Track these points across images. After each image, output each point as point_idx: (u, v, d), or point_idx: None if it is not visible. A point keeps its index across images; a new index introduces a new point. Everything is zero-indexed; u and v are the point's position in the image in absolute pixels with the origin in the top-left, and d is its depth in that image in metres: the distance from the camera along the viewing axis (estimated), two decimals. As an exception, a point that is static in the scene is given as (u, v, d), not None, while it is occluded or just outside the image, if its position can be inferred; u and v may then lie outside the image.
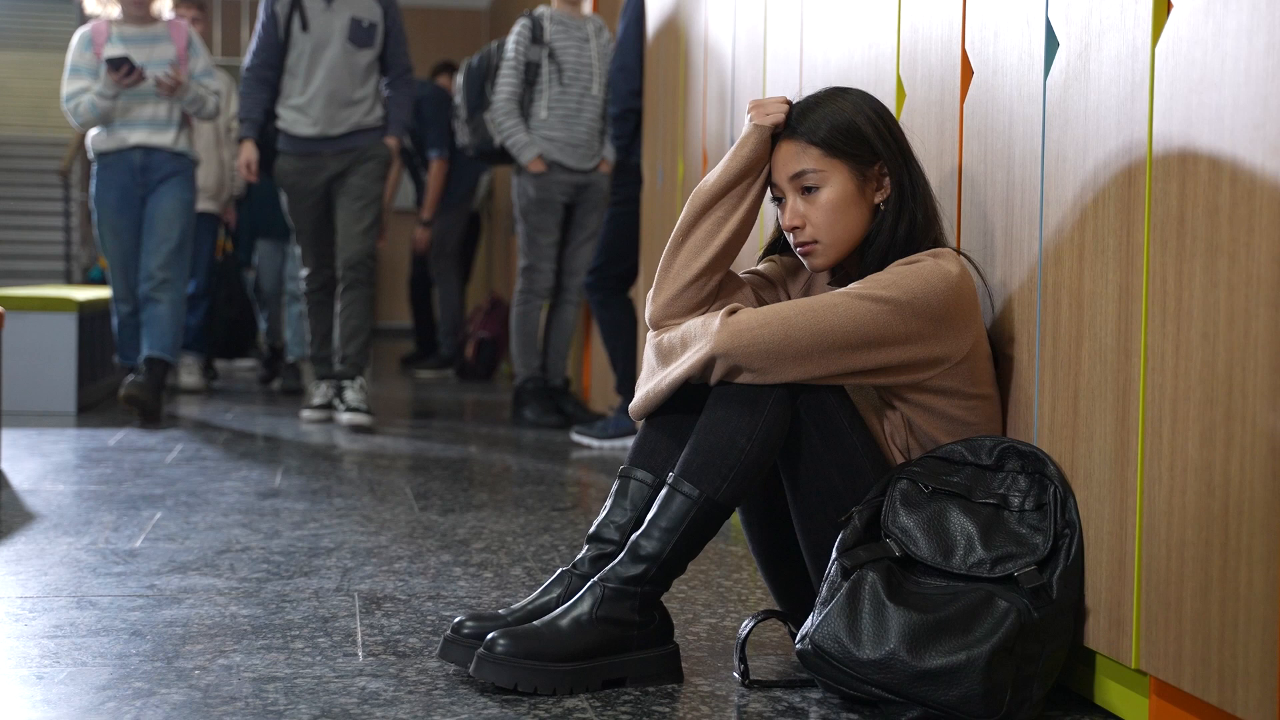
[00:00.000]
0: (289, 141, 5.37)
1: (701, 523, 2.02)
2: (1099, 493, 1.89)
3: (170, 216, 5.39)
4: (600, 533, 2.12)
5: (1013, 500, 1.98)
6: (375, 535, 3.12)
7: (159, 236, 5.37)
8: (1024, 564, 1.91)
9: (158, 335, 5.35)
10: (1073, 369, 1.95)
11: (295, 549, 2.94)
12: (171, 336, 5.37)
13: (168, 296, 5.37)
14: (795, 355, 1.98)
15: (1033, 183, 2.07)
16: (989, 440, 2.04)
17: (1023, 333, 2.11)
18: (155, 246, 5.37)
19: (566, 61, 5.34)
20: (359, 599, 2.50)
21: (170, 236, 5.38)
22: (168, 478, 3.91)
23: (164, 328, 5.36)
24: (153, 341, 5.36)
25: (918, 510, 1.99)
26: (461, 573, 2.75)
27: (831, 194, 2.11)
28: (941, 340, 2.04)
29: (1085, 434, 1.92)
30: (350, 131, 5.35)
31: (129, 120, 5.39)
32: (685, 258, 2.14)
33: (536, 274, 5.40)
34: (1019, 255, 2.12)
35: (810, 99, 2.16)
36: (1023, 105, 2.11)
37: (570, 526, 3.29)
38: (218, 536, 3.06)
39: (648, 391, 2.10)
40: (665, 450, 2.12)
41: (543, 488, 3.92)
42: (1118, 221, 1.84)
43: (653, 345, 2.12)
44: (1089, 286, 1.91)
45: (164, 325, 5.36)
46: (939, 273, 2.03)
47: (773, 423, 2.01)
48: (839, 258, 2.14)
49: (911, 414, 2.09)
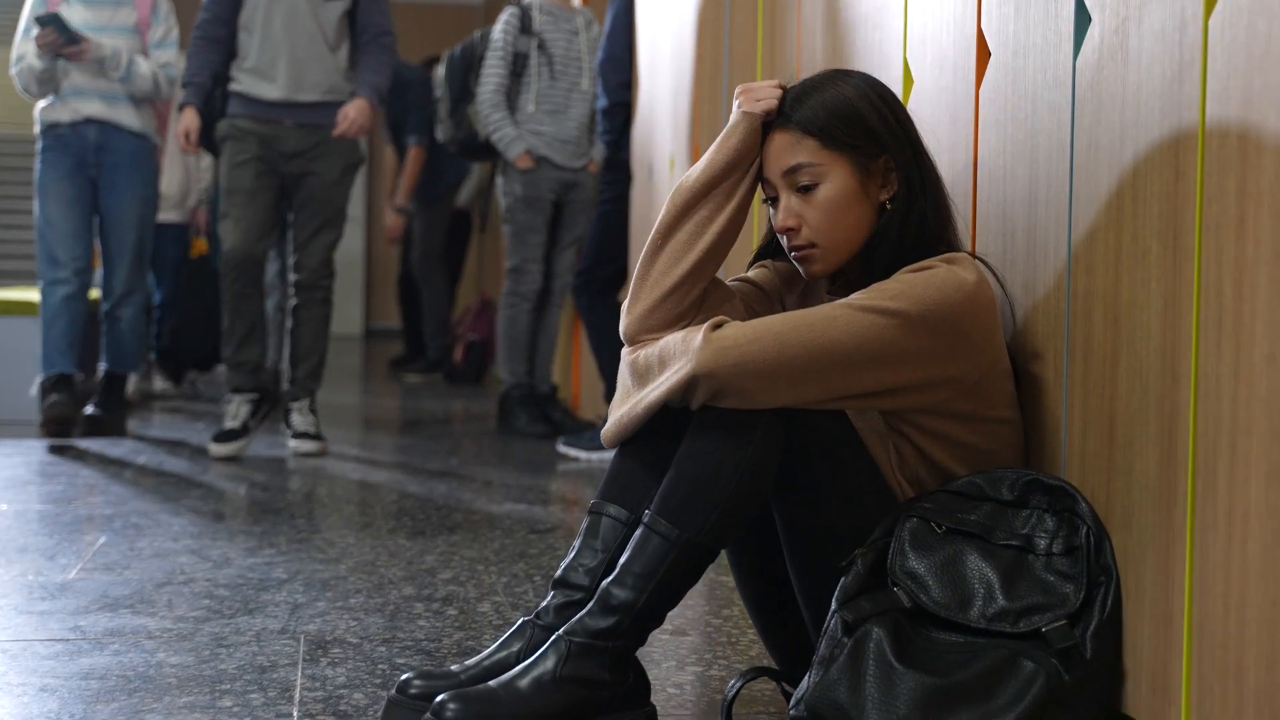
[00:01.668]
0: (244, 106, 4.51)
1: (681, 568, 1.76)
2: (1140, 536, 1.63)
3: (127, 224, 4.82)
4: (567, 577, 1.86)
5: (1039, 542, 1.72)
6: (335, 564, 2.86)
7: (117, 247, 4.83)
8: (1053, 618, 1.65)
9: (118, 350, 4.94)
10: (1107, 391, 1.70)
11: (244, 581, 2.68)
12: (134, 349, 4.97)
13: (129, 311, 4.90)
14: (789, 376, 1.73)
15: (1060, 178, 1.82)
16: (1011, 472, 1.78)
17: (1049, 348, 1.85)
18: (114, 258, 4.83)
19: (556, 54, 5.07)
20: (304, 642, 2.25)
21: (132, 245, 4.84)
22: (121, 496, 3.65)
23: (125, 341, 4.93)
24: (114, 356, 4.95)
25: (930, 553, 1.73)
26: (423, 609, 2.49)
27: (830, 191, 1.85)
28: (956, 357, 1.78)
29: (1123, 467, 1.67)
30: (319, 102, 4.53)
31: (81, 89, 4.76)
32: (665, 263, 1.89)
33: (524, 275, 5.14)
34: (1044, 260, 1.86)
35: (807, 83, 1.90)
36: (1048, 90, 1.85)
37: (549, 552, 3.03)
38: (161, 566, 2.80)
39: (621, 416, 1.85)
40: (641, 483, 1.87)
41: (523, 506, 3.67)
42: (1162, 222, 1.58)
43: (628, 363, 1.87)
44: (1127, 296, 1.65)
45: (125, 339, 4.93)
46: (953, 280, 1.77)
47: (763, 453, 1.75)
48: (839, 263, 1.88)
49: (922, 441, 1.84)
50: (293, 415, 4.62)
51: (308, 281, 4.58)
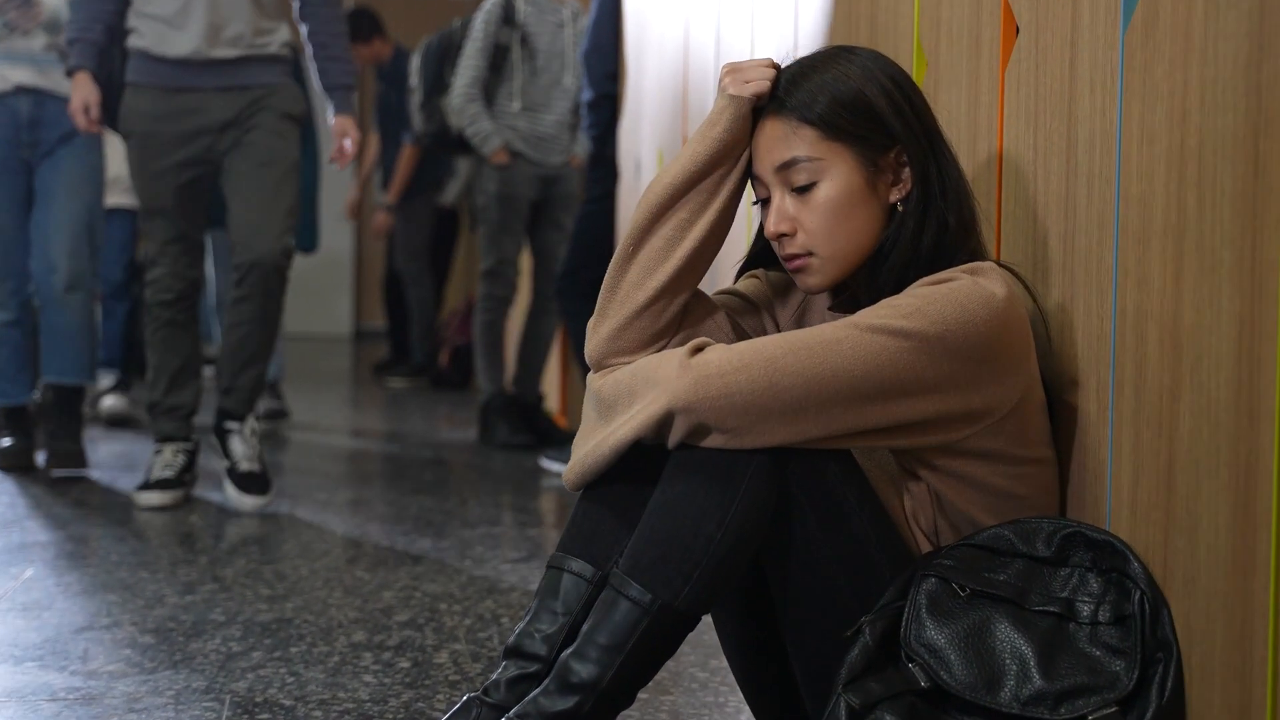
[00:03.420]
0: (147, 68, 3.50)
1: (655, 639, 1.48)
2: (1206, 605, 1.35)
3: (73, 186, 3.89)
4: (521, 645, 1.57)
5: (1082, 609, 1.44)
6: (281, 602, 2.58)
7: (60, 215, 3.86)
8: (1100, 702, 1.38)
9: (64, 353, 3.96)
10: (1166, 430, 1.42)
11: (175, 624, 2.39)
12: (85, 352, 3.99)
13: (77, 298, 3.92)
14: (784, 410, 1.44)
15: (1105, 173, 1.53)
16: (1047, 523, 1.50)
17: (1090, 376, 1.57)
18: (56, 227, 3.86)
19: (539, 47, 4.78)
20: (229, 705, 1.96)
21: (75, 214, 3.89)
22: (61, 519, 3.37)
23: (73, 342, 3.95)
24: (57, 363, 3.98)
25: (951, 621, 1.45)
26: (372, 660, 2.21)
27: (831, 190, 1.57)
28: (982, 387, 1.50)
29: (1185, 522, 1.38)
30: (243, 57, 3.50)
31: (10, 52, 3.91)
32: (637, 274, 1.60)
33: (500, 278, 4.85)
34: (1084, 271, 1.58)
35: (804, 62, 1.62)
36: (1089, 69, 1.57)
37: (520, 586, 2.75)
38: (86, 605, 2.52)
39: (585, 455, 1.56)
40: (609, 534, 1.58)
41: (499, 529, 3.38)
42: (1235, 227, 1.30)
43: (593, 392, 1.59)
44: (1191, 317, 1.37)
45: (72, 338, 3.94)
46: (979, 296, 1.49)
47: (752, 502, 1.47)
48: (841, 276, 1.60)
49: (941, 486, 1.56)
50: (232, 441, 3.54)
51: (263, 259, 3.46)
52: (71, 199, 3.89)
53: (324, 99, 3.70)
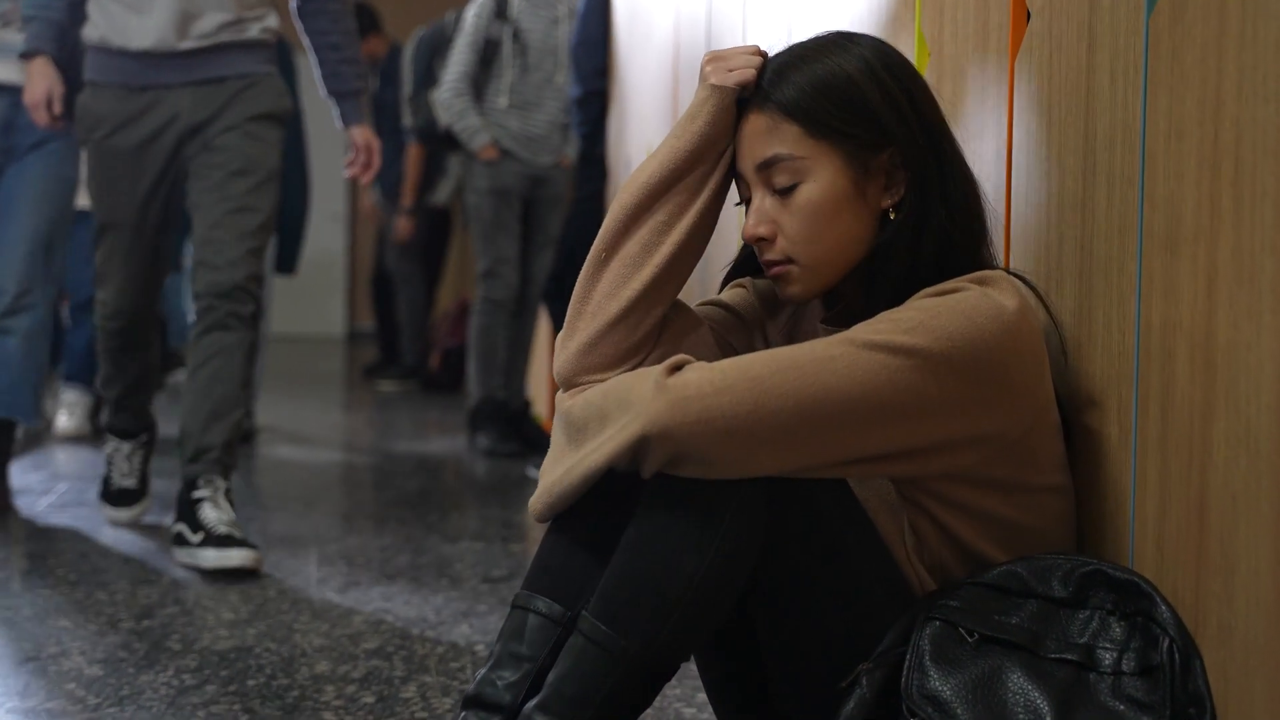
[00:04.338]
0: (105, 63, 3.04)
1: (626, 689, 1.33)
2: (1246, 657, 1.20)
3: (36, 200, 3.38)
4: (482, 694, 1.42)
5: (1103, 657, 1.29)
6: (244, 627, 2.43)
7: (19, 231, 3.36)
8: (1125, 764, 1.23)
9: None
10: (1198, 458, 1.27)
11: (126, 654, 2.24)
12: (22, 386, 3.37)
13: (23, 324, 3.35)
14: (771, 436, 1.29)
15: (1127, 172, 1.39)
16: (1064, 559, 1.35)
17: (1111, 396, 1.42)
18: (12, 245, 3.35)
19: (532, 43, 4.63)
20: (175, 749, 1.82)
21: (34, 230, 3.37)
22: (16, 536, 3.21)
23: (7, 371, 3.35)
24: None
25: (958, 669, 1.30)
26: (334, 695, 2.06)
27: (813, 193, 1.42)
28: (992, 409, 1.35)
29: (1220, 562, 1.24)
30: (213, 46, 3.02)
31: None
32: (610, 283, 1.45)
33: (497, 280, 4.70)
34: (1104, 280, 1.43)
35: (794, 50, 1.47)
36: (1109, 58, 1.42)
37: (499, 609, 2.60)
38: (34, 632, 2.37)
39: (552, 484, 1.41)
40: (579, 571, 1.43)
41: (481, 544, 3.23)
42: (1278, 231, 1.16)
43: (561, 414, 1.44)
44: (1226, 333, 1.22)
45: (6, 367, 3.34)
46: (988, 309, 1.34)
47: (737, 537, 1.32)
48: (824, 286, 1.45)
49: (946, 517, 1.41)
50: (203, 509, 2.89)
51: (229, 286, 2.94)
52: (33, 214, 3.39)
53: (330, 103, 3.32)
